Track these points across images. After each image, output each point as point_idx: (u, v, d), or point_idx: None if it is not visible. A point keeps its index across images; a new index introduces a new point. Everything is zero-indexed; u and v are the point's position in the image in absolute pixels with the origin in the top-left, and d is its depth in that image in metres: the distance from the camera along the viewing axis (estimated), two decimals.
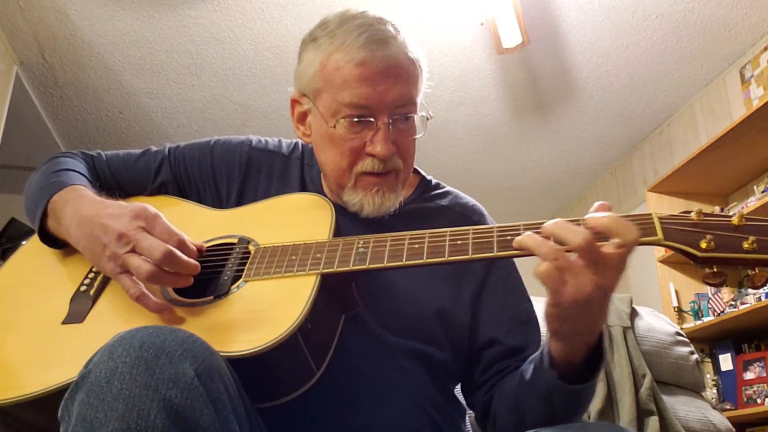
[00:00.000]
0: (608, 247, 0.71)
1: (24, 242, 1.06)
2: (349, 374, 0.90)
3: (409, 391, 0.93)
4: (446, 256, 0.82)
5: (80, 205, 0.93)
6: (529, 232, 0.76)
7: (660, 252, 3.43)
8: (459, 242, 0.82)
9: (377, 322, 0.94)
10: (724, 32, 3.15)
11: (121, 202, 0.92)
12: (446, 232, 0.85)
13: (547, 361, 0.82)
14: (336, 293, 0.87)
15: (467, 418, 1.07)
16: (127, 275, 0.84)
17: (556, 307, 0.74)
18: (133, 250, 0.83)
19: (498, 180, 4.54)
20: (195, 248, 0.87)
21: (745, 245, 0.70)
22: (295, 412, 0.85)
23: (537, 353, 0.86)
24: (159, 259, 0.81)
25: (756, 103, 2.95)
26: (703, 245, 0.71)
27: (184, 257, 0.83)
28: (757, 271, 0.71)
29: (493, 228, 0.83)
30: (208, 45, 3.22)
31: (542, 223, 0.78)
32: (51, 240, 0.99)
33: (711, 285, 0.74)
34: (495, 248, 0.80)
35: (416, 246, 0.84)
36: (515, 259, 1.06)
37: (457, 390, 1.06)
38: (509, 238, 0.80)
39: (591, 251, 0.70)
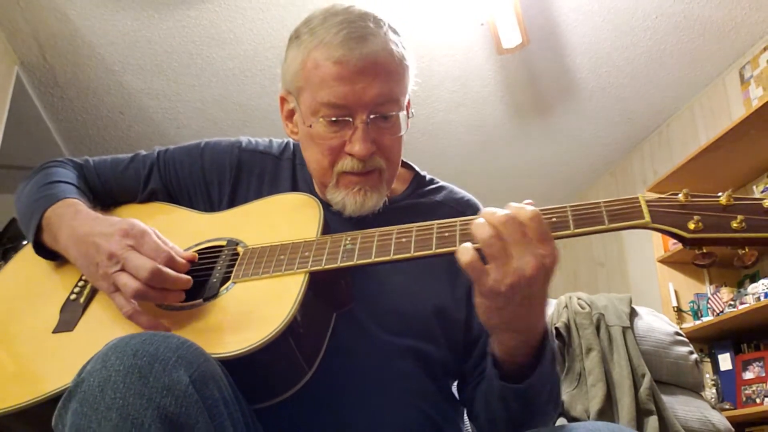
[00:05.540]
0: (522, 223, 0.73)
1: (24, 242, 1.06)
2: (344, 373, 0.89)
3: (405, 390, 0.92)
4: (434, 248, 0.81)
5: (76, 223, 0.93)
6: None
7: (659, 252, 3.43)
8: (446, 234, 0.82)
9: (372, 320, 0.93)
10: (724, 32, 3.15)
11: (113, 218, 0.92)
12: (433, 224, 0.84)
13: (490, 360, 0.83)
14: (326, 291, 0.87)
15: (465, 416, 1.07)
16: (120, 294, 0.84)
17: (495, 295, 0.74)
18: (122, 269, 0.84)
19: (498, 180, 4.54)
20: (185, 262, 0.87)
21: (734, 224, 0.69)
22: (289, 413, 0.85)
23: None
24: (146, 277, 0.82)
25: (756, 104, 2.94)
26: (691, 226, 0.70)
27: (172, 273, 0.84)
28: (746, 250, 0.70)
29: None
30: (208, 45, 3.22)
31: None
32: (46, 252, 0.99)
33: (701, 266, 0.73)
34: None
35: (403, 240, 0.84)
36: None
37: (454, 387, 1.06)
38: None
39: (525, 224, 0.73)
